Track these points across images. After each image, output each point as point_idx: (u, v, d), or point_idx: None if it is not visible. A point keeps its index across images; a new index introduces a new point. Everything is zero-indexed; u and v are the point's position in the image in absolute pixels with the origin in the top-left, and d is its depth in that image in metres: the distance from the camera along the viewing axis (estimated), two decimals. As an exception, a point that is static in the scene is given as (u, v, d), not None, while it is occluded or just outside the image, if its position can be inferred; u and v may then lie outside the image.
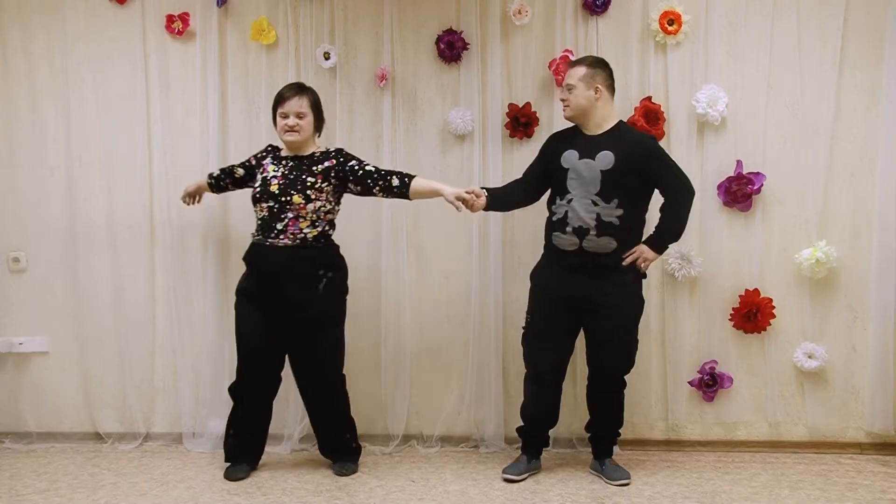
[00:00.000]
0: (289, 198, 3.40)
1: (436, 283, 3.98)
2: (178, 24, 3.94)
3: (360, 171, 3.45)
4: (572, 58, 3.75)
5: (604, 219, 3.30)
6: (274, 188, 3.43)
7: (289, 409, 3.96)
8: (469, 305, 3.92)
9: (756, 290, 3.78)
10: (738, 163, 3.75)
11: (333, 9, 3.91)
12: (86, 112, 4.01)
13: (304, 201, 3.40)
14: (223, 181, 3.72)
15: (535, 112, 3.85)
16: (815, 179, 3.77)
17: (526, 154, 3.82)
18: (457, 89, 3.92)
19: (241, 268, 3.85)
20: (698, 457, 3.78)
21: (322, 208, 3.45)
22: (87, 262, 4.04)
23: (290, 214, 3.40)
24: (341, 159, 3.48)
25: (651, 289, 3.83)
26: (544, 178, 3.51)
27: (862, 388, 3.81)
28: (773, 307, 3.77)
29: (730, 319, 3.82)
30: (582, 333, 3.51)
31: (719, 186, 3.78)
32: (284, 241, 3.41)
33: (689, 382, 3.85)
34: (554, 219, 3.41)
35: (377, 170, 3.46)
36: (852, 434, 3.84)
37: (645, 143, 3.38)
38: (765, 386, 3.84)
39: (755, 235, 3.80)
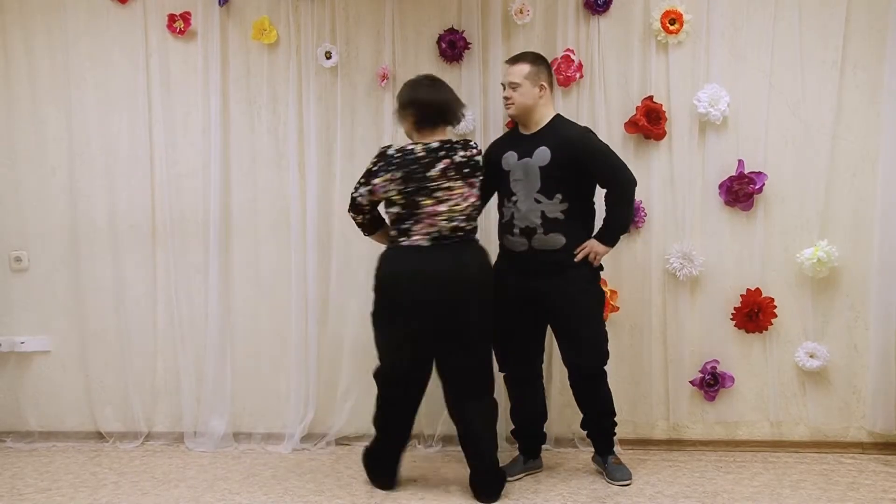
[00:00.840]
0: None
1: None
2: (179, 24, 3.94)
3: None
4: (574, 57, 3.76)
5: (549, 216, 3.30)
6: None
7: (290, 408, 3.96)
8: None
9: (758, 289, 3.78)
10: (740, 162, 3.75)
11: (335, 8, 3.91)
12: (87, 111, 4.02)
13: None
14: None
15: (537, 111, 3.85)
16: (817, 179, 3.76)
17: (527, 153, 3.84)
18: (458, 89, 3.87)
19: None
20: (700, 456, 3.78)
21: None
22: (88, 262, 4.05)
23: None
24: None
25: (652, 288, 3.84)
26: (488, 185, 3.46)
27: (864, 387, 3.80)
28: (775, 307, 3.77)
29: (731, 319, 3.82)
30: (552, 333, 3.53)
31: (721, 186, 3.78)
32: None
33: (690, 382, 3.85)
34: (503, 221, 3.43)
35: None
36: (854, 434, 3.83)
37: (578, 137, 3.34)
38: (766, 385, 3.84)
39: (757, 235, 3.80)
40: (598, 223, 3.43)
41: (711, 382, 3.83)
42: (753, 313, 3.77)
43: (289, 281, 3.96)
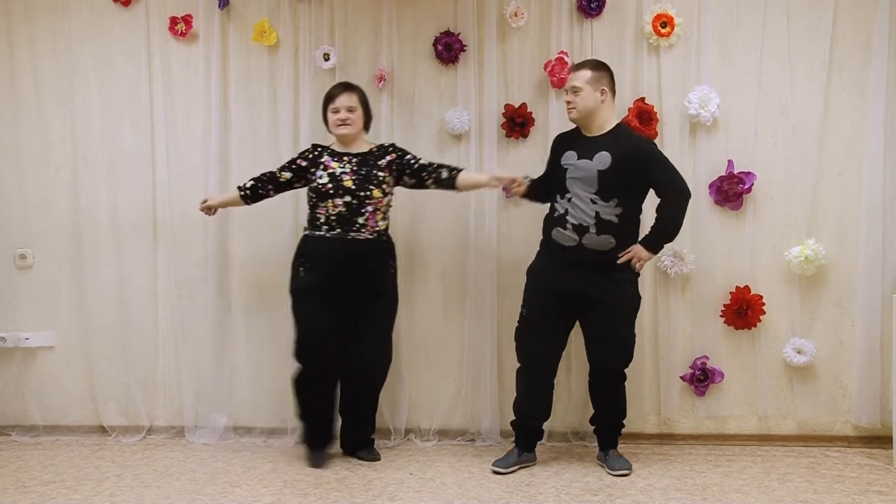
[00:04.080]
0: (368, 192, 3.52)
1: (432, 279, 4.03)
2: (181, 26, 4.00)
3: (417, 165, 3.62)
4: (567, 59, 3.82)
5: (603, 217, 3.37)
6: (349, 183, 3.52)
7: (290, 403, 3.99)
8: (465, 301, 3.98)
9: (747, 286, 3.84)
10: (730, 162, 3.82)
11: (333, 11, 3.96)
12: (90, 112, 4.07)
13: (381, 195, 3.55)
14: (263, 189, 3.68)
15: (531, 112, 3.91)
16: (804, 179, 3.83)
17: (522, 154, 3.91)
18: (454, 90, 3.97)
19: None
20: (690, 450, 3.84)
21: (390, 202, 3.66)
22: (91, 259, 4.10)
23: (369, 208, 3.52)
24: (399, 153, 3.66)
25: (644, 286, 3.86)
26: (547, 175, 3.63)
27: (849, 382, 3.87)
28: (764, 304, 3.84)
29: (721, 316, 3.88)
30: (579, 330, 3.57)
31: (711, 186, 3.84)
32: (365, 234, 3.53)
33: (681, 377, 3.91)
34: (555, 215, 3.47)
35: (430, 163, 3.64)
36: (840, 428, 3.90)
37: (641, 146, 3.44)
38: (755, 381, 3.90)
39: (746, 233, 3.86)
40: (643, 232, 3.51)
41: (701, 378, 3.89)
42: (742, 310, 3.84)
43: (287, 278, 4.00)
